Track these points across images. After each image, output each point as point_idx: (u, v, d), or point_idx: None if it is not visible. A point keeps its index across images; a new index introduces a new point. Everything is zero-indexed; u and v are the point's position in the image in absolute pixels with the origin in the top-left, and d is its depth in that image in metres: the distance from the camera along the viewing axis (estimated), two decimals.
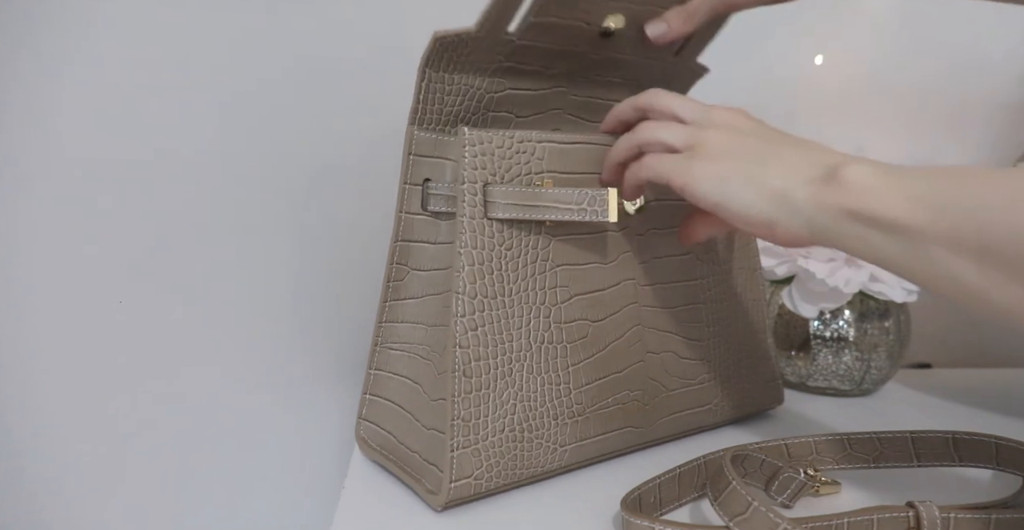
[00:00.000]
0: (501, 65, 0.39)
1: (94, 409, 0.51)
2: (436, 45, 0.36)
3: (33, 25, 0.48)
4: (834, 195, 0.31)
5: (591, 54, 0.42)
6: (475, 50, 0.37)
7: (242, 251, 0.55)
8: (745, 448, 0.38)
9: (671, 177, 0.36)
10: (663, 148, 0.37)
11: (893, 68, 0.70)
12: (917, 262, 0.29)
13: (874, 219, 0.30)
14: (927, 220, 0.28)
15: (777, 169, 0.33)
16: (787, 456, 0.41)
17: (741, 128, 0.36)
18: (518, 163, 0.37)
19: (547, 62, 0.41)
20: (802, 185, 0.32)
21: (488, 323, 0.36)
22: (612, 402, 0.41)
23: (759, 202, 0.33)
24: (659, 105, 0.39)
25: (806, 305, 0.52)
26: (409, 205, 0.40)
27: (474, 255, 0.36)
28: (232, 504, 0.56)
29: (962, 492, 0.39)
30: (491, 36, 0.37)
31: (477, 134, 0.36)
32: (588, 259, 0.40)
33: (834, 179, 0.31)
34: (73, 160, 0.50)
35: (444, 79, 0.38)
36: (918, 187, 0.29)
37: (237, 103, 0.53)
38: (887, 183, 0.30)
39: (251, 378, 0.56)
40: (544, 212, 0.36)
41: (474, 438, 0.35)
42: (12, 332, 0.49)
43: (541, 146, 0.38)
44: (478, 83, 0.39)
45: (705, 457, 0.39)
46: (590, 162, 0.40)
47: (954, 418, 0.52)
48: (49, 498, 0.51)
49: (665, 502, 0.37)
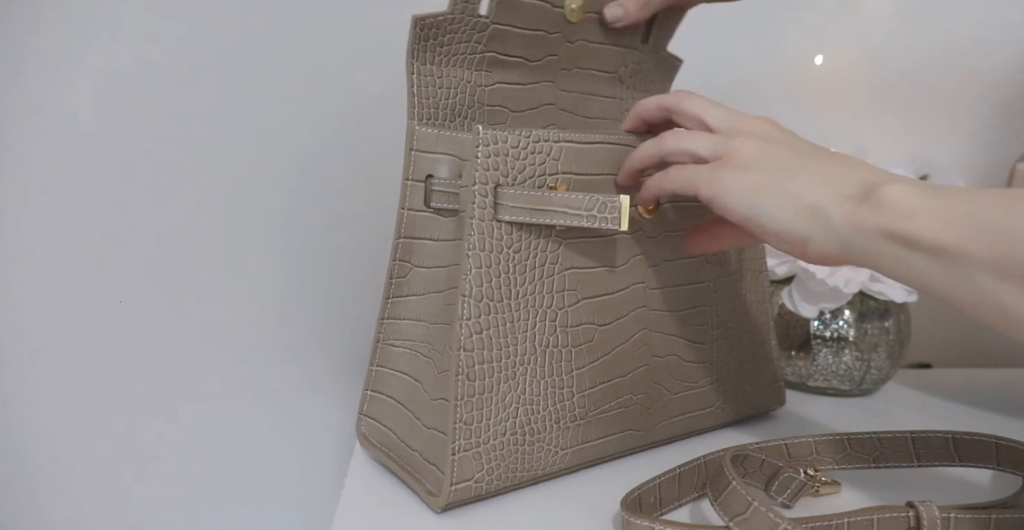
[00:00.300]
0: (483, 55, 0.40)
1: (94, 409, 0.51)
2: (416, 28, 0.37)
3: (33, 25, 0.48)
4: (872, 214, 0.30)
5: (566, 40, 0.43)
6: (454, 37, 0.38)
7: (244, 247, 0.55)
8: (745, 448, 0.38)
9: (699, 188, 0.35)
10: (691, 158, 0.36)
11: (893, 68, 0.70)
12: (960, 287, 0.28)
13: (914, 241, 0.28)
14: (971, 244, 0.27)
15: (811, 183, 0.32)
16: (787, 456, 0.41)
17: (773, 138, 0.35)
18: (532, 164, 0.36)
19: (526, 50, 0.41)
20: (838, 202, 0.31)
21: (493, 326, 0.35)
22: (615, 406, 0.40)
23: (792, 217, 0.32)
24: (688, 109, 0.38)
25: (806, 305, 0.52)
26: (412, 201, 0.39)
27: (482, 258, 0.35)
28: (232, 503, 0.56)
29: (962, 492, 0.39)
30: (465, 18, 0.38)
31: (492, 133, 0.35)
32: (598, 263, 0.39)
33: (872, 197, 0.30)
34: (72, 160, 0.50)
35: (432, 72, 0.38)
36: (960, 209, 0.28)
37: (237, 99, 0.53)
38: (928, 204, 0.28)
39: (251, 376, 0.56)
40: (553, 217, 0.35)
41: (475, 441, 0.35)
42: (12, 332, 0.49)
43: (558, 146, 0.37)
44: (467, 76, 0.40)
45: (705, 457, 0.39)
46: (608, 163, 0.39)
47: (954, 418, 0.52)
48: (49, 498, 0.51)
49: (665, 502, 0.37)
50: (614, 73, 0.46)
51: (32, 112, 0.48)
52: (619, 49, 0.45)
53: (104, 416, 0.51)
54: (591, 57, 0.44)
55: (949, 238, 0.27)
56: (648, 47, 0.47)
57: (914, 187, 0.29)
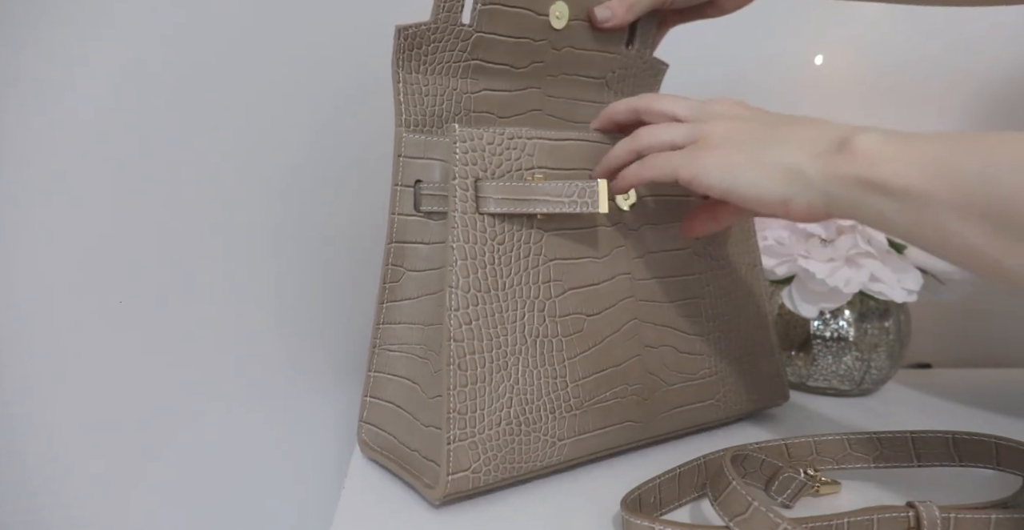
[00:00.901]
0: (468, 62, 0.41)
1: (94, 409, 0.51)
2: (401, 38, 0.38)
3: (33, 25, 0.48)
4: (846, 165, 0.31)
5: (551, 48, 0.43)
6: (439, 45, 0.39)
7: (243, 252, 0.55)
8: (745, 448, 0.38)
9: (678, 172, 0.35)
10: (666, 148, 0.37)
11: (892, 68, 0.70)
12: (929, 229, 0.29)
13: (885, 186, 0.29)
14: (936, 185, 0.28)
15: (786, 147, 0.33)
16: (787, 456, 0.41)
17: (742, 116, 0.36)
18: (509, 159, 0.37)
19: (511, 58, 0.42)
20: (813, 159, 0.32)
21: (482, 317, 0.36)
22: (610, 396, 0.41)
23: (771, 182, 0.33)
24: (656, 108, 0.39)
25: (806, 305, 0.52)
26: (401, 207, 0.40)
27: (466, 250, 0.36)
28: (232, 504, 0.56)
29: (962, 492, 0.39)
30: (447, 27, 0.39)
31: (468, 131, 0.36)
32: (581, 253, 0.40)
33: (846, 148, 0.31)
34: (70, 161, 0.50)
35: (419, 80, 0.39)
36: (928, 152, 0.29)
37: (232, 104, 0.53)
38: (897, 150, 0.30)
39: (250, 379, 0.56)
40: (535, 205, 0.36)
41: (470, 431, 0.35)
42: (12, 332, 0.49)
43: (531, 142, 0.38)
44: (453, 83, 0.41)
45: (705, 457, 0.39)
46: (580, 158, 0.40)
47: (954, 418, 0.52)
48: (49, 498, 0.51)
49: (665, 502, 0.37)
50: (601, 78, 0.47)
51: (32, 112, 0.49)
52: (605, 55, 0.46)
53: (104, 417, 0.51)
54: (578, 63, 0.45)
55: (915, 181, 0.28)
56: (634, 52, 0.48)
57: (884, 135, 0.31)
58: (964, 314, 0.71)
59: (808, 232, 0.52)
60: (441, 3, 0.38)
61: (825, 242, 0.52)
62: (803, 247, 0.52)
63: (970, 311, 0.70)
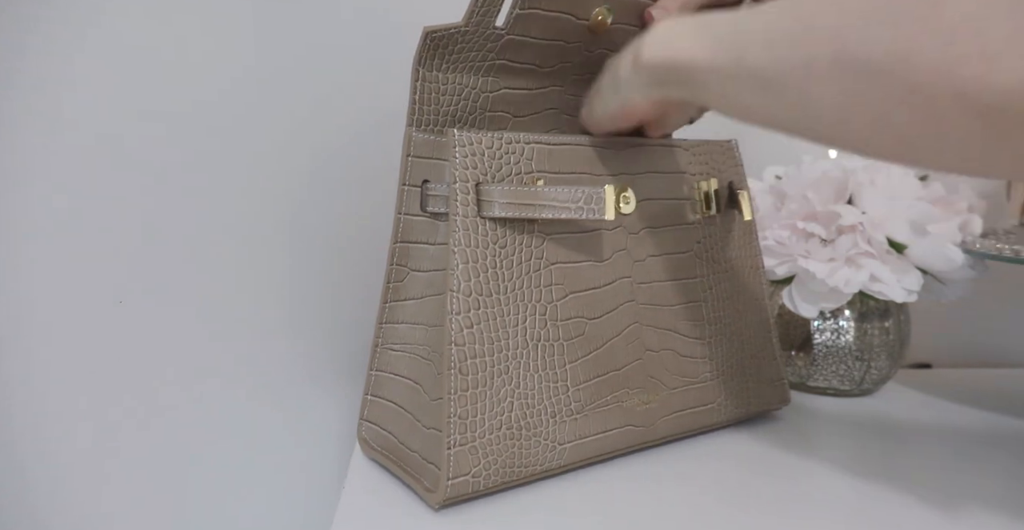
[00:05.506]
0: (494, 62, 0.40)
1: (94, 409, 0.51)
2: (427, 41, 0.37)
3: (33, 24, 0.48)
4: (647, 55, 0.35)
5: (585, 50, 0.43)
6: (466, 46, 0.38)
7: (242, 252, 0.55)
8: None
9: None
10: None
11: None
12: (715, 96, 0.32)
13: (678, 65, 0.33)
14: (713, 56, 0.31)
15: (608, 76, 0.40)
16: None
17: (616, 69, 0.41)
18: (508, 163, 0.37)
19: (540, 58, 0.41)
20: (626, 67, 0.37)
21: (483, 321, 0.36)
22: (611, 400, 0.41)
23: (608, 100, 0.39)
24: None
25: (806, 305, 0.52)
26: (408, 206, 0.40)
27: (468, 253, 0.36)
28: (232, 504, 0.56)
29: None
30: (479, 30, 0.38)
31: (466, 135, 0.36)
32: (582, 257, 0.40)
33: (643, 43, 0.35)
34: (72, 160, 0.50)
35: (438, 78, 0.38)
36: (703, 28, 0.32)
37: (235, 102, 0.53)
38: (681, 30, 0.33)
39: (251, 378, 0.56)
40: (541, 210, 0.36)
41: (471, 435, 0.35)
42: (12, 332, 0.49)
43: (529, 147, 0.38)
44: (472, 82, 0.40)
45: None
46: (577, 162, 0.40)
47: (954, 418, 0.52)
48: (49, 498, 0.51)
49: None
50: None
51: (32, 112, 0.48)
52: None
53: (104, 417, 0.51)
54: None
55: (698, 55, 0.32)
56: None
57: (672, 21, 0.35)
58: (964, 314, 0.71)
59: (808, 232, 0.52)
60: (476, 7, 0.37)
61: (825, 242, 0.51)
62: (803, 247, 0.52)
63: (970, 311, 0.70)
